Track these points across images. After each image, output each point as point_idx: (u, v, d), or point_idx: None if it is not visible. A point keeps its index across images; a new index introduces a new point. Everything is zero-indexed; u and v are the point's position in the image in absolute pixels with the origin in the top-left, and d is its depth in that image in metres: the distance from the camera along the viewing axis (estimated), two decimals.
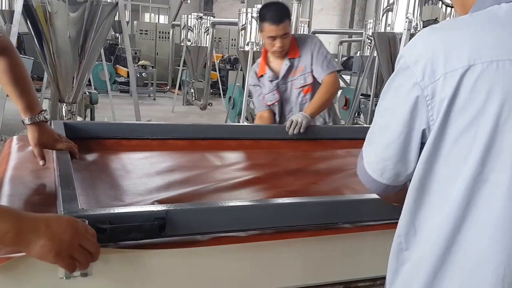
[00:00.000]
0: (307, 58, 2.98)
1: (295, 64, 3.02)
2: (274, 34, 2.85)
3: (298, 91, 3.03)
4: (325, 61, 2.97)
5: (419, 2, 4.58)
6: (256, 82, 3.14)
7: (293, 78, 3.04)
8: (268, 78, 3.07)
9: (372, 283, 1.55)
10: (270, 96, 3.08)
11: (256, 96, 3.17)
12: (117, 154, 2.04)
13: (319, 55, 2.97)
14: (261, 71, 3.11)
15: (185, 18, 11.29)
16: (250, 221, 1.30)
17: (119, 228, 1.12)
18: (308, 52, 2.98)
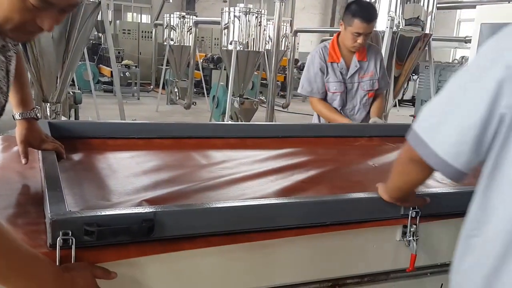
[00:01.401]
0: (376, 66, 3.26)
1: (364, 67, 3.25)
2: (363, 31, 3.01)
3: (364, 93, 3.28)
4: (387, 78, 3.40)
5: (401, 1, 4.63)
6: (324, 66, 3.25)
7: (362, 80, 3.27)
8: (339, 68, 3.23)
9: (360, 280, 1.57)
10: (336, 85, 3.25)
11: (317, 80, 3.26)
12: (103, 153, 2.03)
13: (382, 69, 3.32)
14: (334, 59, 3.24)
15: (167, 17, 11.25)
16: (238, 221, 1.31)
17: (107, 231, 1.12)
18: (376, 60, 3.27)
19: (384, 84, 3.36)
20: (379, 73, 3.29)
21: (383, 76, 3.33)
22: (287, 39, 12.35)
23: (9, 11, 1.03)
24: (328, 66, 3.25)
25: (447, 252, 1.67)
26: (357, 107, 3.34)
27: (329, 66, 3.25)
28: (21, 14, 1.04)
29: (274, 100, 6.98)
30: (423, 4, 4.69)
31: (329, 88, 3.27)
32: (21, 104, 1.62)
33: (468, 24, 15.40)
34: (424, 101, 7.79)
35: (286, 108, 12.26)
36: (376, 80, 3.29)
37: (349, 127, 2.95)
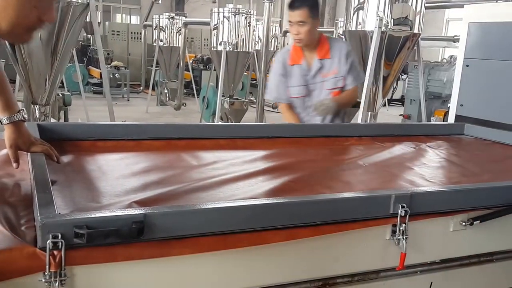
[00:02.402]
0: (340, 63, 3.11)
1: (327, 66, 3.12)
2: (291, 19, 2.98)
3: (327, 92, 3.14)
4: (356, 72, 3.19)
5: (389, 1, 4.64)
6: (284, 71, 3.18)
7: (324, 79, 3.13)
8: (301, 70, 3.14)
9: (350, 279, 1.58)
10: (298, 89, 3.16)
11: (278, 86, 3.21)
12: (93, 155, 2.02)
13: (353, 65, 3.16)
14: (296, 61, 3.16)
15: (156, 18, 11.22)
16: (228, 222, 1.31)
17: (96, 233, 1.11)
18: (341, 57, 3.11)
19: (352, 80, 3.17)
20: (344, 69, 3.13)
21: (351, 71, 3.15)
22: (277, 39, 12.37)
23: (17, 17, 1.05)
24: (290, 70, 3.16)
25: (437, 250, 1.70)
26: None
27: (291, 70, 3.16)
28: (29, 16, 1.06)
29: (264, 101, 6.99)
30: (411, 4, 4.71)
31: (291, 93, 3.19)
32: (6, 108, 1.61)
33: (457, 23, 15.51)
34: (414, 101, 7.85)
35: (276, 108, 12.26)
36: (341, 77, 3.13)
37: (339, 127, 2.97)
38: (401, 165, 2.24)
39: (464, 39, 3.23)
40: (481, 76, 3.17)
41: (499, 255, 1.85)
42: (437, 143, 2.75)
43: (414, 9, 4.72)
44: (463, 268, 1.78)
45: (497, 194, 1.71)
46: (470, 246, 1.75)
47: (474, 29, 3.17)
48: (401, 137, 2.84)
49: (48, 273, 1.09)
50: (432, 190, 1.72)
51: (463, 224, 1.65)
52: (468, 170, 2.20)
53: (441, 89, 7.71)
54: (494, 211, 1.68)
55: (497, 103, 3.07)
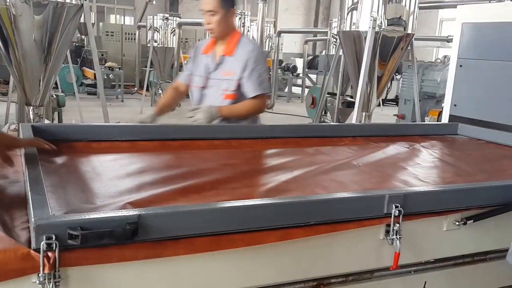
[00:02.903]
0: (240, 65, 2.84)
1: (227, 64, 2.90)
2: (201, 7, 2.84)
3: (221, 93, 2.91)
4: (259, 80, 2.85)
5: (383, 1, 4.65)
6: (195, 57, 3.07)
7: (221, 77, 2.92)
8: (207, 61, 2.95)
9: (345, 279, 1.59)
10: (198, 79, 2.99)
11: (187, 68, 3.10)
12: (87, 156, 2.02)
13: (255, 71, 2.84)
14: (206, 50, 2.99)
15: (150, 19, 11.20)
16: (223, 223, 1.31)
17: (91, 234, 1.11)
18: (244, 59, 2.84)
19: (252, 88, 2.83)
20: (241, 73, 2.83)
21: (251, 78, 2.83)
22: (271, 40, 12.38)
23: None
24: (200, 58, 3.01)
25: (431, 250, 1.71)
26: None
27: (200, 58, 3.02)
28: None
29: None
30: (405, 4, 4.72)
31: (193, 81, 3.04)
32: None
33: (450, 23, 15.58)
34: (408, 101, 7.87)
35: (271, 108, 12.27)
36: (236, 81, 2.85)
37: (334, 128, 2.98)
38: (395, 165, 2.25)
39: (458, 39, 3.24)
40: (474, 76, 3.18)
41: (493, 254, 1.86)
42: (431, 143, 2.77)
43: (408, 10, 4.74)
44: (457, 267, 1.79)
45: (490, 194, 1.72)
46: (463, 245, 1.76)
47: (467, 29, 3.18)
48: (395, 137, 2.85)
49: (42, 275, 1.08)
50: (425, 190, 1.72)
51: (456, 224, 1.66)
52: (462, 170, 2.22)
53: (435, 89, 7.74)
54: (488, 210, 1.69)
55: (491, 103, 3.09)
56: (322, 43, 15.47)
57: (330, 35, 9.28)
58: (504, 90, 3.01)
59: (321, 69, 11.80)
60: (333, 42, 8.85)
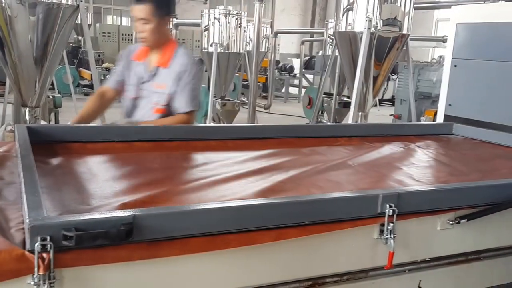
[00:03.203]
0: (172, 79, 2.73)
1: (161, 76, 2.77)
2: (133, 14, 2.67)
3: (151, 106, 2.79)
4: (192, 95, 2.76)
5: (378, 1, 4.66)
6: (125, 62, 2.88)
7: (153, 90, 2.79)
8: (140, 69, 2.81)
9: (339, 278, 1.59)
10: (131, 88, 2.83)
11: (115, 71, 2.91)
12: (83, 157, 2.03)
13: (187, 86, 2.74)
14: (139, 57, 2.84)
15: None
16: (217, 223, 1.32)
17: (85, 235, 1.12)
18: (178, 72, 2.73)
19: (182, 103, 2.73)
20: (173, 87, 2.72)
21: (183, 93, 2.72)
22: (268, 41, 12.39)
23: None
24: (131, 65, 2.85)
25: (425, 249, 1.71)
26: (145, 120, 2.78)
27: (132, 65, 2.85)
28: None
29: (256, 102, 7.01)
30: (400, 5, 4.74)
31: (126, 90, 2.86)
32: None
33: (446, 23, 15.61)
34: (404, 101, 7.89)
35: (268, 109, 12.28)
36: (167, 94, 2.73)
37: (330, 128, 2.99)
38: (390, 165, 2.26)
39: (452, 40, 3.25)
40: (469, 76, 3.19)
41: (487, 253, 1.87)
42: (426, 143, 2.78)
43: (403, 10, 4.75)
44: (451, 266, 1.80)
45: (484, 193, 1.73)
46: (457, 244, 1.77)
47: (461, 29, 3.20)
48: (391, 137, 2.86)
49: (37, 276, 1.09)
50: (419, 189, 1.73)
51: (450, 223, 1.67)
52: (456, 169, 2.23)
53: (431, 89, 7.76)
54: (481, 209, 1.70)
55: (485, 103, 3.10)
56: (319, 43, 15.49)
57: (326, 36, 9.30)
58: (498, 90, 3.02)
59: (318, 69, 11.83)
60: (329, 43, 8.87)
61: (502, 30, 2.97)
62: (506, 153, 2.64)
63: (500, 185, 1.79)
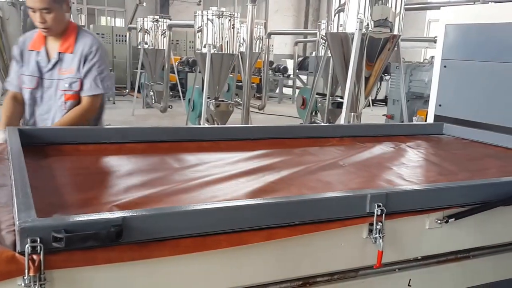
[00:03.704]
0: (80, 62, 2.67)
1: (66, 61, 2.69)
2: (31, 5, 2.53)
3: (61, 93, 2.70)
4: (97, 78, 2.69)
5: (369, 3, 4.69)
6: (20, 56, 2.74)
7: (60, 77, 2.70)
8: (39, 59, 2.70)
9: (330, 278, 1.60)
10: (29, 80, 2.71)
11: (14, 71, 2.77)
12: (75, 159, 2.03)
13: (94, 69, 2.68)
14: (35, 46, 2.72)
15: (141, 21, 11.20)
16: (207, 224, 1.32)
17: (75, 237, 1.12)
18: (83, 54, 2.68)
19: (89, 86, 2.68)
20: (82, 70, 2.67)
21: (90, 75, 2.67)
22: (262, 41, 12.41)
23: None
24: (28, 55, 2.72)
25: (414, 248, 1.73)
26: (53, 111, 2.74)
27: (28, 55, 2.72)
28: None
29: (249, 102, 7.02)
30: (391, 6, 4.77)
31: (23, 82, 2.72)
32: None
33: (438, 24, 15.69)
34: (396, 101, 7.92)
35: (262, 109, 12.30)
36: (77, 79, 2.67)
37: (321, 128, 3.00)
38: (381, 165, 2.28)
39: (441, 41, 3.28)
40: (458, 77, 3.22)
41: (476, 251, 1.89)
42: (416, 143, 2.80)
43: (394, 11, 4.78)
44: (440, 265, 1.81)
45: (471, 192, 1.75)
46: (446, 243, 1.78)
47: (451, 30, 3.22)
48: (382, 137, 2.88)
49: (28, 277, 1.09)
50: (407, 189, 1.75)
51: (438, 222, 1.68)
52: (446, 169, 2.25)
53: (423, 89, 7.80)
54: (469, 208, 1.72)
55: (475, 103, 3.13)
56: (312, 44, 15.53)
57: (319, 37, 9.33)
58: (488, 90, 3.05)
59: (312, 70, 11.86)
60: (322, 44, 8.90)
61: (491, 31, 3.00)
62: (496, 153, 2.66)
63: (487, 184, 1.80)
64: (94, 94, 2.70)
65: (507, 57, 2.91)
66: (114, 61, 15.48)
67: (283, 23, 20.45)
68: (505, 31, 2.91)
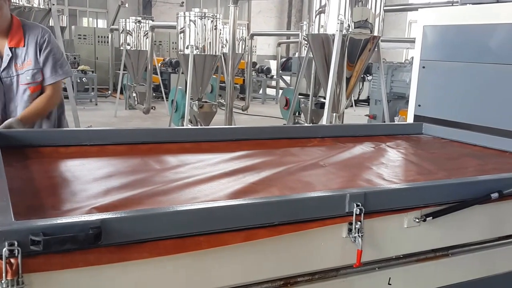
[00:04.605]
0: (35, 52, 2.68)
1: (21, 55, 2.69)
2: None
3: (24, 87, 2.71)
4: (56, 65, 2.74)
5: (350, 4, 4.74)
6: None
7: (20, 72, 2.70)
8: None
9: (311, 277, 1.61)
10: None
11: None
12: (55, 161, 2.02)
13: (51, 56, 2.72)
14: None
15: (123, 22, 11.14)
16: (187, 225, 1.32)
17: (53, 240, 1.11)
18: (37, 45, 2.68)
19: (49, 74, 2.72)
20: (40, 60, 2.69)
21: (48, 63, 2.70)
22: (244, 42, 12.43)
23: None
24: None
25: (393, 247, 1.75)
26: (19, 107, 2.74)
27: None
28: None
29: (233, 103, 7.02)
30: (371, 7, 4.82)
31: None
32: None
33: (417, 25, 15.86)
34: (378, 101, 8.00)
35: (246, 110, 12.32)
36: (38, 70, 2.70)
37: (303, 129, 3.02)
38: (361, 165, 2.30)
39: (420, 42, 3.32)
40: (436, 77, 3.27)
41: (454, 249, 1.91)
42: (396, 143, 2.83)
43: (374, 12, 4.83)
44: (419, 263, 1.83)
45: (448, 191, 1.77)
46: (425, 241, 1.81)
47: (429, 31, 3.27)
48: (363, 137, 2.91)
49: (5, 281, 1.08)
50: (385, 188, 1.76)
51: (416, 221, 1.70)
52: (425, 168, 2.28)
53: (404, 90, 7.88)
54: (446, 207, 1.75)
55: (453, 103, 3.18)
56: (295, 45, 15.58)
57: (301, 38, 9.38)
58: (465, 90, 3.10)
59: (295, 70, 11.92)
60: (305, 45, 8.94)
61: (469, 32, 3.05)
62: (473, 152, 2.70)
63: (464, 183, 1.83)
64: (54, 81, 2.74)
65: (484, 57, 2.96)
66: (96, 62, 15.38)
67: (266, 24, 20.49)
68: (482, 32, 2.97)
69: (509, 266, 2.01)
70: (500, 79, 2.94)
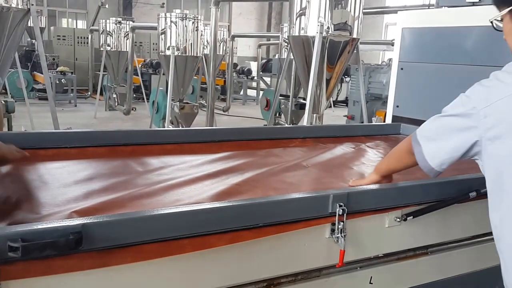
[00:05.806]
0: None
1: None
2: None
3: None
4: None
5: (329, 7, 4.78)
6: None
7: None
8: None
9: (294, 278, 1.62)
10: None
11: None
12: (33, 164, 1.98)
13: None
14: None
15: (103, 23, 11.03)
16: (170, 228, 1.31)
17: (32, 246, 1.08)
18: None
19: None
20: None
21: None
22: (225, 44, 12.41)
23: None
24: None
25: (375, 246, 1.77)
26: None
27: None
28: None
29: (214, 104, 7.01)
30: (350, 10, 4.87)
31: None
32: None
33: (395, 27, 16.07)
34: (356, 102, 8.06)
35: (227, 111, 12.30)
36: None
37: (284, 130, 3.03)
38: (342, 165, 2.32)
39: (398, 44, 3.36)
40: (414, 78, 3.31)
41: (434, 248, 1.94)
42: (375, 143, 2.86)
43: (353, 15, 4.88)
44: (400, 261, 1.86)
45: (428, 191, 1.80)
46: (405, 240, 1.83)
47: (407, 34, 3.31)
48: (343, 138, 2.93)
49: None
50: (367, 189, 1.78)
51: (397, 220, 1.72)
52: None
53: (381, 91, 7.96)
54: (426, 206, 1.77)
55: (430, 103, 3.21)
56: (275, 46, 15.62)
57: (281, 39, 9.41)
58: (442, 91, 3.14)
59: (275, 72, 11.94)
60: (285, 46, 8.98)
61: (445, 34, 3.09)
62: None
63: (443, 183, 1.85)
64: None
65: (459, 59, 3.01)
66: (76, 63, 15.20)
67: (247, 26, 20.51)
68: (457, 34, 3.01)
69: (486, 263, 2.04)
70: (475, 80, 2.96)
